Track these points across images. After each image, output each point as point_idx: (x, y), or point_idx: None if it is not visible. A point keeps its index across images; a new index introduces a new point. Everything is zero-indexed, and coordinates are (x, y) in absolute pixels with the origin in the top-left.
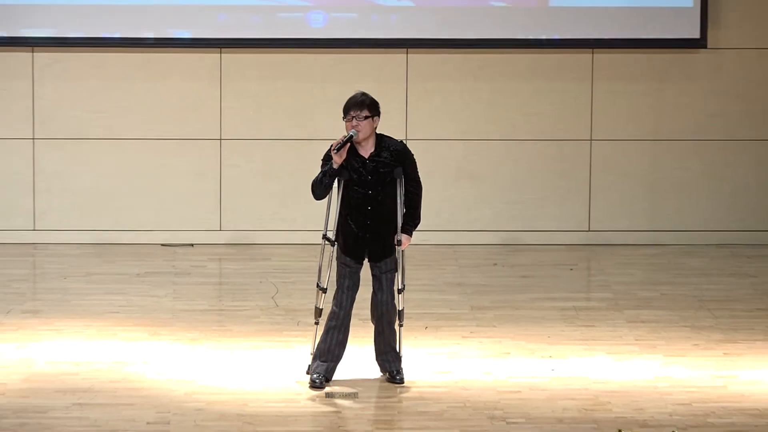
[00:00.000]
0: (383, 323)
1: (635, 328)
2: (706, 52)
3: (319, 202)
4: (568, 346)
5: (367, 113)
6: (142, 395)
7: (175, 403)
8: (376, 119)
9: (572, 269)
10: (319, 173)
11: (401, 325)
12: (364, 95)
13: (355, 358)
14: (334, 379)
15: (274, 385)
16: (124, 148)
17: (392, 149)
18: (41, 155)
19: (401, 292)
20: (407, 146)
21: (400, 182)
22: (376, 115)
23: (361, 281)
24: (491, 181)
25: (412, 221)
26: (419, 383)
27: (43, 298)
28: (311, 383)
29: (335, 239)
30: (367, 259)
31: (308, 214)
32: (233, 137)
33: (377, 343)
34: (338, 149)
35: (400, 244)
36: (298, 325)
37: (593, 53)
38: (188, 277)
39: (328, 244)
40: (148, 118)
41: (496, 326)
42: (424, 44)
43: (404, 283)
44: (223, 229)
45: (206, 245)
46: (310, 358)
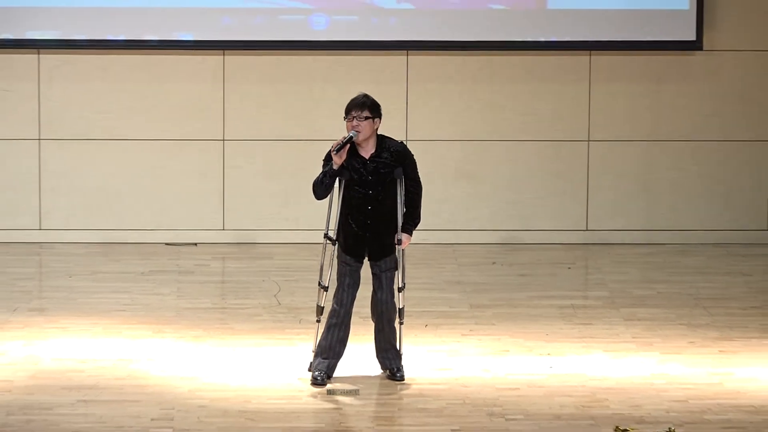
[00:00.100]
0: (383, 321)
1: (632, 325)
2: (701, 54)
3: (320, 201)
4: (565, 343)
5: (367, 114)
6: (146, 392)
7: (179, 399)
8: (376, 120)
9: (570, 268)
10: (320, 174)
11: (401, 322)
12: (365, 97)
13: (355, 355)
14: (335, 376)
15: (276, 382)
16: (128, 148)
17: (392, 150)
18: (47, 155)
19: (401, 290)
20: (407, 147)
21: (400, 182)
22: (377, 116)
23: (361, 280)
24: (490, 181)
25: (412, 221)
26: (419, 380)
27: (49, 296)
28: (313, 380)
29: (336, 238)
30: (367, 257)
31: (310, 213)
32: (236, 138)
33: (377, 340)
34: (338, 150)
35: (400, 243)
36: (300, 323)
37: (591, 55)
38: (192, 275)
39: (329, 243)
40: (152, 119)
41: (494, 324)
42: (423, 46)
43: (404, 281)
44: (226, 228)
45: (210, 244)
46: (311, 355)
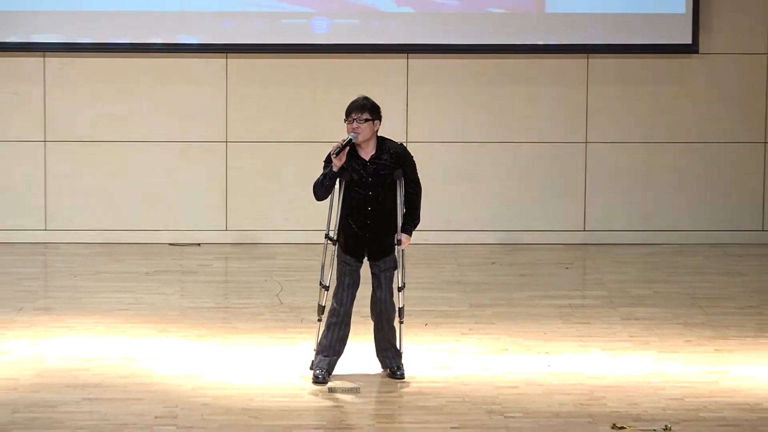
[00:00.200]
0: (382, 320)
1: (629, 325)
2: (697, 57)
3: (321, 202)
4: (564, 342)
5: (367, 116)
6: (150, 390)
7: (182, 397)
8: (376, 123)
9: (568, 268)
10: (320, 175)
11: (402, 321)
12: (365, 99)
13: (356, 354)
14: (336, 373)
15: (278, 380)
16: (133, 150)
17: (392, 152)
18: (52, 157)
19: (402, 289)
20: (407, 149)
21: (400, 183)
22: (376, 118)
23: (361, 279)
24: (489, 182)
25: (411, 221)
26: (419, 378)
27: (54, 295)
28: (314, 378)
29: (336, 238)
30: (366, 257)
31: (311, 214)
32: (239, 140)
33: (377, 340)
34: (337, 153)
35: (400, 243)
36: (301, 322)
37: (588, 58)
38: (195, 275)
39: (330, 243)
40: (155, 121)
41: (494, 323)
42: (423, 49)
43: (405, 281)
44: (228, 229)
45: (212, 245)
46: (313, 353)
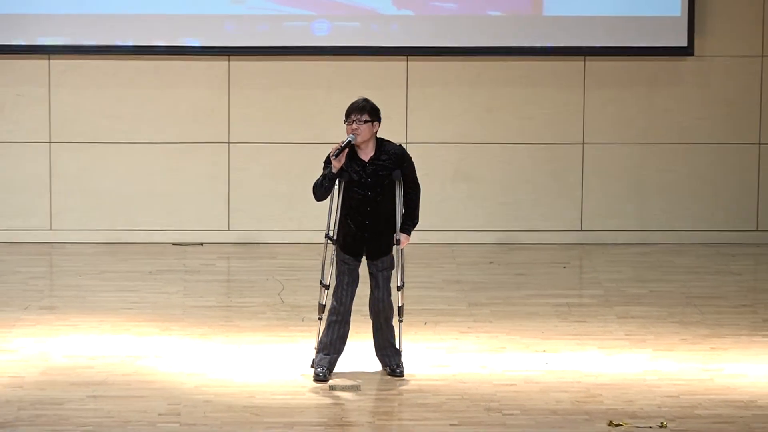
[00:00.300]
0: (381, 320)
1: (625, 323)
2: (693, 59)
3: (321, 203)
4: (561, 340)
5: (367, 117)
6: (153, 388)
7: (185, 395)
8: (376, 124)
9: (565, 267)
10: (319, 176)
11: (401, 320)
12: (365, 101)
13: (356, 352)
14: (336, 371)
15: (279, 378)
16: (136, 151)
17: (391, 153)
18: (57, 158)
19: (401, 288)
20: (406, 150)
21: (399, 184)
22: (376, 120)
23: (360, 278)
24: (487, 182)
25: (410, 221)
26: (418, 376)
27: (59, 294)
28: (315, 376)
29: (336, 238)
30: (365, 257)
31: (312, 214)
32: (241, 141)
33: (376, 339)
34: (337, 155)
35: (398, 243)
36: (302, 320)
37: (585, 61)
38: (198, 274)
39: (330, 243)
40: (159, 122)
41: (492, 322)
42: (423, 52)
43: (404, 280)
44: (231, 228)
45: (215, 244)
46: (314, 352)
